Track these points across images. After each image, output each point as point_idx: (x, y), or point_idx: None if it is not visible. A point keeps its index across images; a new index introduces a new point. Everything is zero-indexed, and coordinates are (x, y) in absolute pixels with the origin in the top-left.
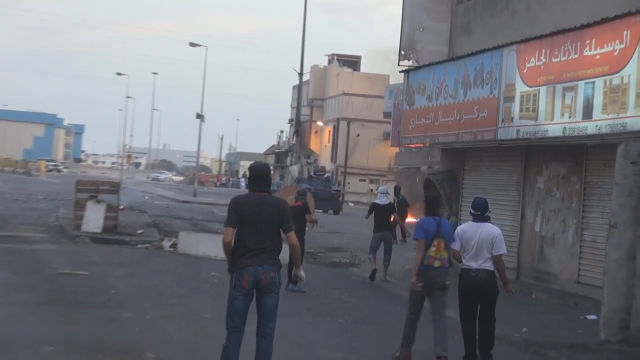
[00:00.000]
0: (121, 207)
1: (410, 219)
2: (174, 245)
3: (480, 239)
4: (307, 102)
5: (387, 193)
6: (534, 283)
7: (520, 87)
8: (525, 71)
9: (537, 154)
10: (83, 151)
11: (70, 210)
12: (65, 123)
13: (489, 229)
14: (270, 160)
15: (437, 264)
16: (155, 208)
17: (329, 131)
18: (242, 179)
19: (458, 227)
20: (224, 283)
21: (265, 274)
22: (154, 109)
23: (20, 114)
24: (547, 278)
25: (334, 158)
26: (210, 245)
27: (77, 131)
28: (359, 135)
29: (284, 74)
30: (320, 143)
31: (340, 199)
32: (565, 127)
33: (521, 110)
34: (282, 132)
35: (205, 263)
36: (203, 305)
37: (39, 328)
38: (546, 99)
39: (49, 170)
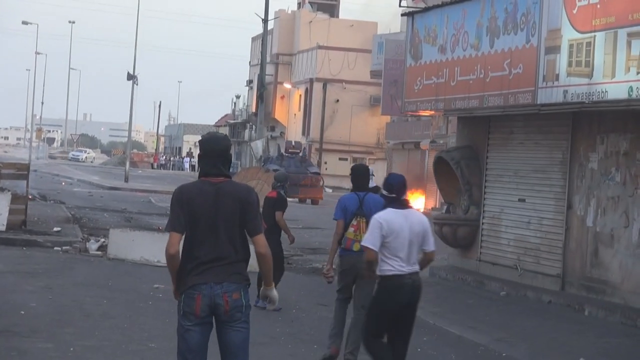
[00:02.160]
0: (30, 196)
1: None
2: (102, 248)
3: (412, 232)
4: (271, 58)
5: (372, 175)
6: (585, 296)
7: (569, 34)
8: (575, 12)
9: (589, 123)
10: None
11: None
12: None
13: (419, 218)
14: (224, 132)
15: (356, 247)
16: (76, 197)
17: (300, 95)
18: (187, 159)
19: (377, 217)
20: (171, 298)
21: (226, 296)
22: (71, 69)
23: None
24: (603, 289)
25: (306, 130)
26: (151, 247)
27: None
28: (338, 100)
29: (240, 21)
30: (288, 111)
31: (321, 183)
32: (631, 87)
33: (570, 64)
34: (238, 97)
35: (145, 271)
36: (145, 331)
37: None
38: (604, 49)
39: None
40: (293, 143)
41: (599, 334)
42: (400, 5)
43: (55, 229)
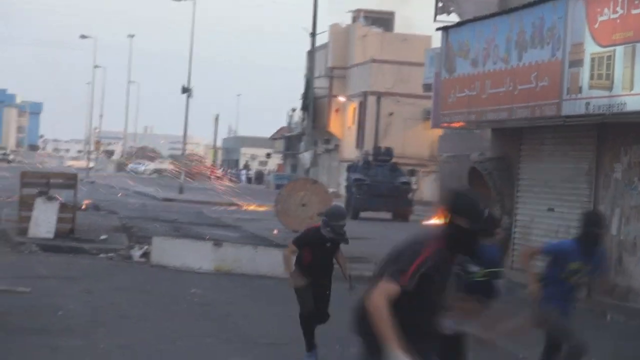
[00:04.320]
0: (82, 206)
1: None
2: (145, 255)
3: None
4: (325, 71)
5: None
6: (608, 302)
7: (591, 47)
8: (596, 26)
9: (613, 135)
10: (41, 136)
11: (16, 210)
12: (18, 101)
13: None
14: (280, 145)
15: None
16: (129, 208)
17: (354, 108)
18: (243, 171)
19: None
20: (205, 302)
21: None
22: (130, 82)
23: None
24: (626, 295)
25: (359, 143)
26: (192, 255)
27: (33, 110)
28: (392, 113)
29: (297, 35)
30: (343, 124)
31: (410, 195)
32: None
33: (592, 77)
34: (293, 110)
35: (184, 277)
36: (175, 331)
37: None
38: (624, 63)
39: None
40: (382, 149)
41: (620, 339)
42: (435, 20)
43: (102, 237)
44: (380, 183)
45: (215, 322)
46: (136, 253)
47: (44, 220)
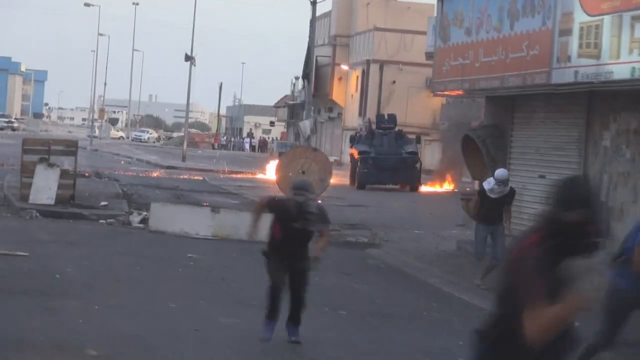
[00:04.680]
0: (86, 173)
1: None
2: (144, 221)
3: None
4: (329, 40)
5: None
6: None
7: (580, 17)
8: None
9: (602, 103)
10: (46, 104)
11: (18, 177)
12: (23, 68)
13: None
14: (283, 114)
15: None
16: (130, 176)
17: (357, 77)
18: (247, 139)
19: None
20: (201, 267)
21: None
22: (134, 50)
23: None
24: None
25: (362, 111)
26: (190, 221)
27: (38, 79)
28: (394, 82)
29: (302, 3)
30: (346, 92)
31: (418, 166)
32: (634, 68)
33: (580, 46)
34: (297, 79)
35: (181, 242)
36: (169, 293)
37: None
38: (611, 32)
39: (1, 129)
40: (386, 116)
41: None
42: None
43: (103, 203)
44: (386, 155)
45: (210, 284)
46: (135, 219)
47: (44, 187)
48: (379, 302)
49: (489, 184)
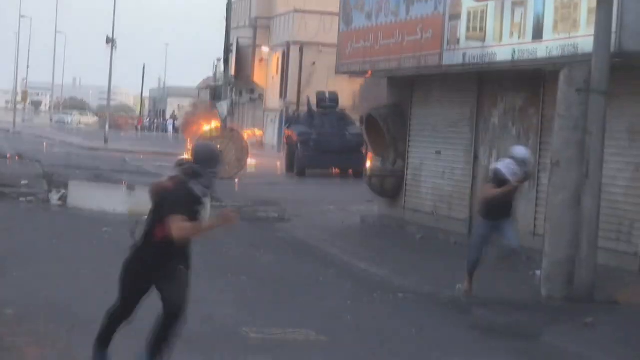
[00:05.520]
0: (7, 155)
1: None
2: (63, 199)
3: None
4: (250, 22)
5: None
6: None
7: (467, 2)
8: None
9: (491, 83)
10: None
11: None
12: None
13: None
14: (206, 96)
15: None
16: (54, 157)
17: (277, 59)
18: (170, 121)
19: None
20: (115, 240)
21: None
22: (57, 32)
23: None
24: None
25: (283, 93)
26: (106, 199)
27: None
28: (314, 63)
29: None
30: (267, 74)
31: (364, 148)
32: (514, 50)
33: (468, 29)
34: (219, 60)
35: (98, 218)
36: (83, 263)
37: None
38: (494, 16)
39: None
40: (327, 94)
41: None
42: None
43: (23, 182)
44: (330, 136)
45: (120, 254)
46: (54, 197)
47: None
48: (279, 270)
49: (507, 167)
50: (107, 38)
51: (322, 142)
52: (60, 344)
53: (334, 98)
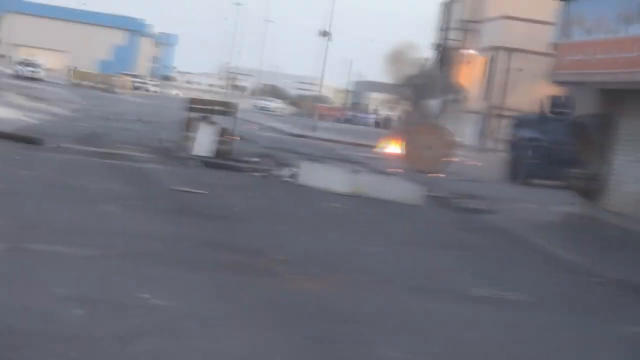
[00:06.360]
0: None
1: None
2: (293, 176)
3: None
4: (460, 24)
5: None
6: None
7: None
8: None
9: None
10: (174, 68)
11: (172, 134)
12: (154, 31)
13: None
14: (406, 92)
15: None
16: (267, 140)
17: (483, 62)
18: (372, 115)
19: None
20: (346, 213)
21: None
22: (268, 21)
23: (98, 16)
24: None
25: (487, 95)
26: (334, 179)
27: (168, 42)
28: (521, 69)
29: None
30: (471, 76)
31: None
32: None
33: None
34: (426, 60)
35: (327, 195)
36: (327, 226)
37: (167, 228)
38: None
39: (135, 89)
40: (563, 98)
41: None
42: None
43: (254, 159)
44: (561, 148)
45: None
46: (285, 173)
47: (205, 142)
48: (492, 250)
49: None
50: (323, 32)
51: (552, 151)
52: (323, 281)
53: (570, 103)
